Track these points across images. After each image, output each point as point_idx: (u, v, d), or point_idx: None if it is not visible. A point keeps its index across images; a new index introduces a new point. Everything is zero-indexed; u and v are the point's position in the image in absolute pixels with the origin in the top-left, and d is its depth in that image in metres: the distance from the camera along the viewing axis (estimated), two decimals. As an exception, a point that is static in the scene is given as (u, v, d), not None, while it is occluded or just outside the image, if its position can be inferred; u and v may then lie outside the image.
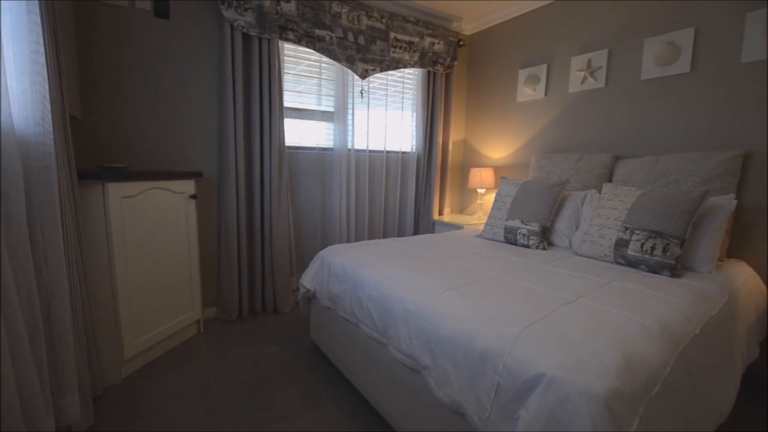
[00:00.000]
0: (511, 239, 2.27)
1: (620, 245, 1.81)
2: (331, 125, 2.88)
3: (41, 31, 1.21)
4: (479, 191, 3.35)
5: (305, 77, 2.75)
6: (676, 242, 1.65)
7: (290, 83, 2.68)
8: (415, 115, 3.32)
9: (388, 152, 3.21)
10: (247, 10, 2.29)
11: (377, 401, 1.54)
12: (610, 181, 2.37)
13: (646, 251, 1.71)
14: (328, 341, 1.95)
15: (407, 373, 1.34)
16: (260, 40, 2.40)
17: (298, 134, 2.77)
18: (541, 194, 2.27)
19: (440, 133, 3.36)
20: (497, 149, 3.37)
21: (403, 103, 3.25)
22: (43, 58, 1.21)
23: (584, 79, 2.62)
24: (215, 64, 2.38)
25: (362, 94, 2.96)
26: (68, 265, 1.36)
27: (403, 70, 3.15)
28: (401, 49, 3.00)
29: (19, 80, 1.17)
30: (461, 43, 3.34)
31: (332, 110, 2.86)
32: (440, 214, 3.55)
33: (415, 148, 3.34)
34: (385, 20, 2.88)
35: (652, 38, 2.25)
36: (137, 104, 2.17)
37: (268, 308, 2.65)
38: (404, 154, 3.32)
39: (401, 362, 1.34)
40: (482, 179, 3.21)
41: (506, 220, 2.33)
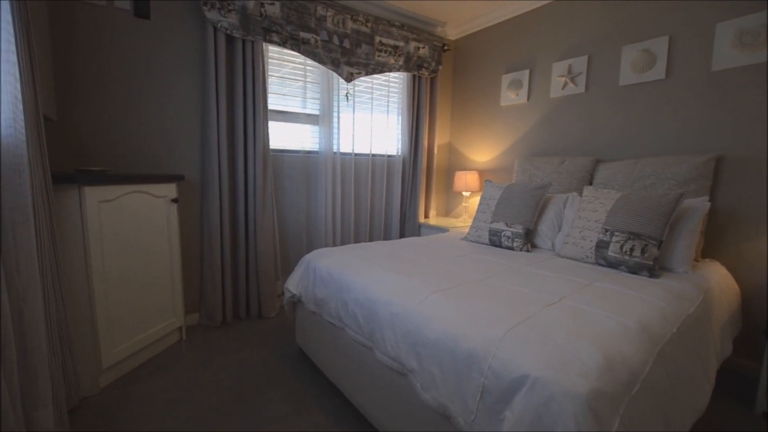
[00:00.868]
0: (495, 242, 2.30)
1: (601, 247, 1.85)
2: (316, 128, 2.87)
3: (12, 29, 1.16)
4: (464, 194, 3.38)
5: (290, 80, 2.73)
6: (654, 243, 1.70)
7: (275, 86, 2.66)
8: (400, 118, 3.33)
9: (373, 155, 3.21)
10: (230, 11, 2.27)
11: (363, 405, 1.53)
12: (590, 184, 2.43)
13: (625, 252, 1.75)
14: (313, 346, 1.93)
15: (393, 376, 1.33)
16: (244, 42, 2.38)
17: (283, 137, 2.75)
18: (524, 197, 2.30)
19: (425, 136, 3.39)
20: (482, 153, 3.41)
21: (388, 106, 3.26)
22: (14, 57, 1.17)
23: (565, 84, 2.68)
24: (198, 65, 2.34)
25: (348, 97, 2.96)
26: (42, 271, 1.31)
27: (388, 73, 3.16)
28: (386, 53, 3.01)
29: (-12, 80, 1.13)
30: (446, 47, 3.38)
31: (317, 113, 2.85)
32: (426, 217, 3.57)
33: (400, 151, 3.35)
34: (370, 24, 2.89)
35: (629, 45, 2.33)
36: (117, 106, 2.11)
37: (252, 313, 2.61)
38: (390, 157, 3.32)
39: (387, 366, 1.33)
40: (467, 182, 3.24)
41: (491, 222, 2.36)
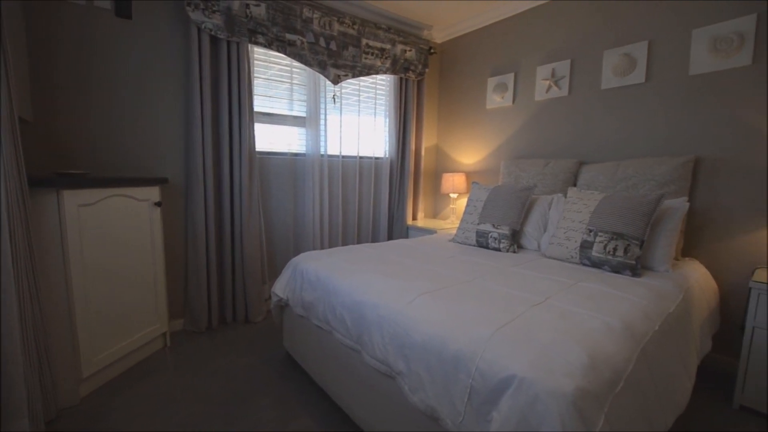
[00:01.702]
0: (482, 243, 2.32)
1: (585, 247, 1.88)
2: (303, 130, 2.85)
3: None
4: (452, 196, 3.40)
5: (276, 82, 2.71)
6: (636, 243, 1.74)
7: (261, 88, 2.64)
8: (387, 120, 3.34)
9: (361, 158, 3.21)
10: (215, 12, 2.24)
11: (352, 409, 1.52)
12: (574, 185, 2.47)
13: (608, 252, 1.78)
14: (301, 350, 1.91)
15: (381, 379, 1.33)
16: (229, 43, 2.35)
17: (269, 139, 2.72)
18: (510, 199, 2.33)
19: (413, 138, 3.40)
20: (468, 155, 3.44)
21: (375, 108, 3.27)
22: (-12, 57, 1.13)
23: (549, 87, 2.73)
24: (182, 66, 2.30)
25: (335, 99, 2.95)
26: (17, 277, 1.27)
27: (375, 76, 3.16)
28: (373, 55, 3.01)
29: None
30: (432, 50, 3.40)
31: (304, 115, 2.83)
32: (414, 219, 3.58)
33: (388, 153, 3.36)
34: (356, 26, 2.90)
35: (610, 50, 2.38)
36: (98, 107, 2.06)
37: (239, 318, 2.57)
38: (377, 159, 3.33)
39: (375, 369, 1.33)
40: (454, 184, 3.27)
41: (478, 224, 2.38)
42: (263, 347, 2.22)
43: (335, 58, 2.80)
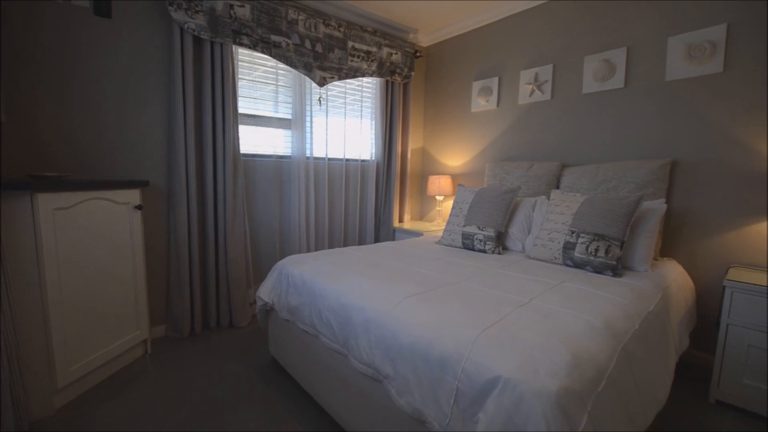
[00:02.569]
0: (468, 245, 2.34)
1: (568, 248, 1.92)
2: (288, 132, 2.83)
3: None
4: (438, 198, 3.42)
5: (261, 83, 2.68)
6: (616, 244, 1.78)
7: (246, 89, 2.61)
8: (374, 123, 3.34)
9: (347, 160, 3.20)
10: (198, 12, 2.20)
11: (339, 414, 1.51)
12: (557, 187, 2.52)
13: (591, 253, 1.82)
14: (287, 355, 1.88)
15: (368, 383, 1.32)
16: (212, 44, 2.32)
17: (254, 141, 2.69)
18: (495, 201, 2.36)
19: (399, 141, 3.41)
20: (454, 157, 3.47)
21: (362, 111, 3.27)
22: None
23: (532, 91, 2.78)
24: (164, 67, 2.25)
25: (320, 101, 2.94)
26: (-13, 285, 1.22)
27: (361, 78, 3.17)
28: (359, 58, 3.02)
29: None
30: (418, 54, 3.42)
31: (290, 117, 2.81)
32: (400, 221, 3.59)
33: (374, 156, 3.36)
34: (342, 29, 2.89)
35: (591, 56, 2.44)
36: (76, 108, 2.00)
37: (223, 323, 2.52)
38: (364, 162, 3.32)
39: (362, 372, 1.32)
40: (440, 186, 3.29)
41: (463, 226, 2.40)
42: (248, 353, 2.19)
43: (321, 60, 2.80)
